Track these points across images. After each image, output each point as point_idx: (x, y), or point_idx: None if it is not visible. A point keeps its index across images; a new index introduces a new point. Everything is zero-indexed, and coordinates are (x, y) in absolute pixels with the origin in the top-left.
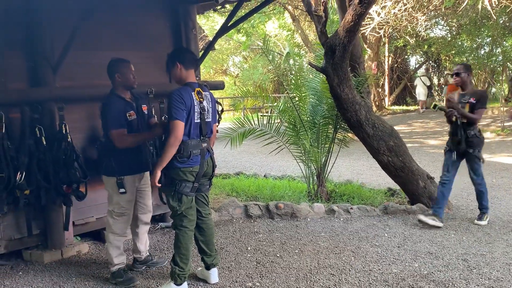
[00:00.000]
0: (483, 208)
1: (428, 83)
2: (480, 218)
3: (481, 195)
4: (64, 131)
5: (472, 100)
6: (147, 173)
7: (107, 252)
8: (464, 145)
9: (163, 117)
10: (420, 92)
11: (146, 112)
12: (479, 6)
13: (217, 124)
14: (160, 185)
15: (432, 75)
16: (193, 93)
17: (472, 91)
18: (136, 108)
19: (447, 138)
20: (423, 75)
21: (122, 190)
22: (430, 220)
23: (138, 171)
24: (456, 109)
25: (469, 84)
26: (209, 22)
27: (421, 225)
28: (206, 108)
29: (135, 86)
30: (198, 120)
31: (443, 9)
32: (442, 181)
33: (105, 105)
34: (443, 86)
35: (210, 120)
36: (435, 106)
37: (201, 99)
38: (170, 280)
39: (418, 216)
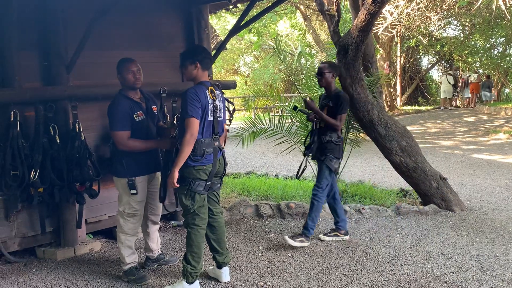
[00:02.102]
0: (304, 228)
1: (452, 82)
2: (292, 237)
3: (311, 207)
4: (77, 129)
5: (330, 103)
6: (158, 174)
7: (119, 252)
8: (314, 152)
9: (175, 116)
10: (446, 90)
11: (156, 113)
12: (493, 6)
13: (228, 123)
14: (178, 185)
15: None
16: (207, 91)
17: (333, 94)
18: (146, 108)
19: (460, 139)
20: (449, 74)
21: (133, 191)
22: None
23: (150, 172)
24: (315, 112)
25: (333, 86)
26: (220, 22)
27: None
28: (218, 107)
29: (137, 86)
30: (211, 119)
31: (456, 9)
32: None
33: (111, 105)
34: (463, 85)
35: (221, 118)
36: (295, 107)
37: (214, 98)
38: (182, 278)
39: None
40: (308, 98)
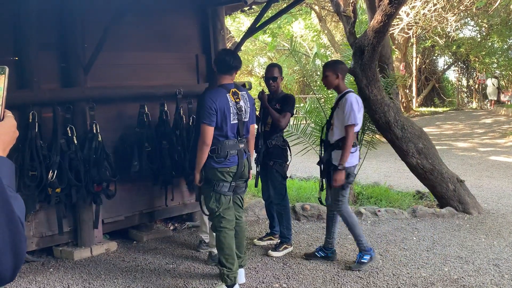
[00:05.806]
0: (281, 236)
1: (496, 85)
2: (275, 248)
3: (279, 218)
4: (94, 130)
5: (277, 106)
6: None
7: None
8: (261, 157)
9: (191, 117)
10: (491, 92)
11: None
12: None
13: (255, 124)
14: (200, 184)
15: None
16: (228, 94)
17: (279, 97)
18: None
19: (477, 140)
20: (494, 77)
21: None
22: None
23: None
24: (265, 106)
25: (280, 89)
26: (235, 24)
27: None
28: (243, 108)
29: None
30: (236, 121)
31: (474, 10)
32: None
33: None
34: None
35: (247, 120)
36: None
37: (237, 99)
38: (221, 282)
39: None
40: (263, 95)
